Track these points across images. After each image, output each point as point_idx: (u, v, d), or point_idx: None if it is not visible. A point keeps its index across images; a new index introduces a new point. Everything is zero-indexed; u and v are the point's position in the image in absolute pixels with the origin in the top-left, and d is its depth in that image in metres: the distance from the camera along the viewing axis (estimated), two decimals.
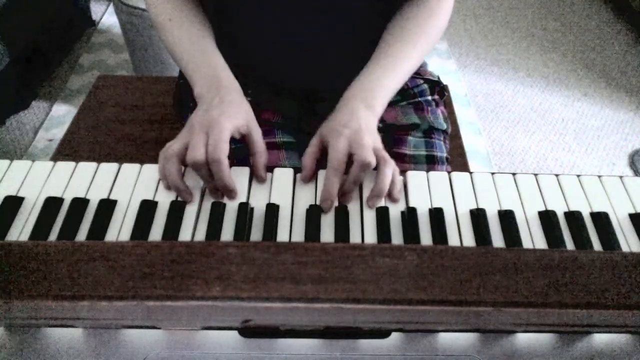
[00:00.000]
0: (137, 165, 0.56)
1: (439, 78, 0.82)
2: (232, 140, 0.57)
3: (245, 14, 0.69)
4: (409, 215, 0.52)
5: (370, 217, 0.52)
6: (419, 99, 0.77)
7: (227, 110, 0.54)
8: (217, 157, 0.50)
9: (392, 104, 0.76)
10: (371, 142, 0.53)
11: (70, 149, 0.95)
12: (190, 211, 0.52)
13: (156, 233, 0.50)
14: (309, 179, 0.55)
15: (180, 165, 0.53)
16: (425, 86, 0.79)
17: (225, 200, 0.53)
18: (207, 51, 0.62)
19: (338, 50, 0.70)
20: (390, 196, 0.54)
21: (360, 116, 0.55)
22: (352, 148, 0.52)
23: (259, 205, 0.52)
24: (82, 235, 0.49)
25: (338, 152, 0.52)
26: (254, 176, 0.56)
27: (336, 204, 0.53)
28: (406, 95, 0.77)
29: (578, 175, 0.57)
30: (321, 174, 0.56)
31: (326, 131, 0.56)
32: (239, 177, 0.55)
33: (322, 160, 0.56)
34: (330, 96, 0.75)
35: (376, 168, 0.53)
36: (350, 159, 0.53)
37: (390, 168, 0.52)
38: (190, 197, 0.52)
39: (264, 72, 0.74)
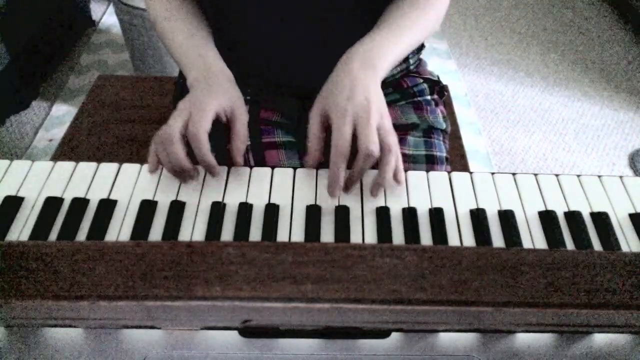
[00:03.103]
0: (137, 165, 0.56)
1: (438, 77, 0.82)
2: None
3: (244, 13, 0.69)
4: (409, 215, 0.52)
5: (370, 217, 0.52)
6: (418, 98, 0.77)
7: (211, 90, 0.54)
8: (196, 132, 0.50)
9: (391, 104, 0.76)
10: (377, 120, 0.50)
11: (70, 149, 0.95)
12: (190, 211, 0.52)
13: (156, 233, 0.50)
14: (316, 163, 0.53)
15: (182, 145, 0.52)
16: (425, 85, 0.79)
17: (226, 200, 0.53)
18: (200, 45, 0.62)
19: (338, 49, 0.70)
20: (395, 179, 0.53)
21: (363, 81, 0.52)
22: (357, 130, 0.49)
23: (258, 205, 0.52)
24: (82, 235, 0.49)
25: (344, 136, 0.49)
26: (232, 159, 0.55)
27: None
28: (405, 95, 0.77)
29: (578, 175, 0.57)
30: (321, 174, 0.56)
31: (329, 106, 0.52)
32: (240, 176, 0.55)
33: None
34: None
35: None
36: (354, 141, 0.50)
37: (394, 157, 0.50)
38: (197, 174, 0.52)
39: (264, 71, 0.74)
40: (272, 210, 0.51)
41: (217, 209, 0.51)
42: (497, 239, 0.50)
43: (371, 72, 0.54)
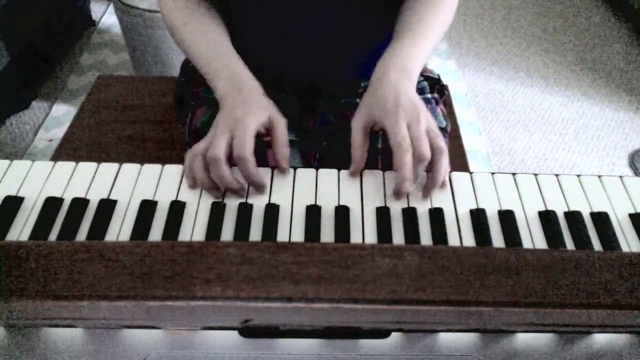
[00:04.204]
0: (137, 165, 0.56)
1: (439, 76, 0.82)
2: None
3: (247, 9, 0.69)
4: (409, 215, 0.51)
5: (370, 217, 0.52)
6: (419, 96, 0.77)
7: (250, 108, 0.55)
8: (243, 155, 0.51)
9: None
10: (426, 124, 0.52)
11: (70, 149, 0.95)
12: (190, 211, 0.52)
13: (156, 233, 0.50)
14: (359, 171, 0.54)
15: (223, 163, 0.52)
16: (425, 84, 0.79)
17: (226, 200, 0.53)
18: (224, 53, 0.62)
19: (340, 45, 0.70)
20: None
21: (404, 89, 0.54)
22: (410, 135, 0.51)
23: (258, 205, 0.52)
24: (82, 235, 0.49)
25: (403, 136, 0.50)
26: (276, 167, 0.56)
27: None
28: None
29: (578, 175, 0.57)
30: (321, 174, 0.56)
31: (377, 115, 0.53)
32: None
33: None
34: (331, 92, 0.75)
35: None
36: None
37: (447, 158, 0.52)
38: (244, 191, 0.53)
39: (266, 67, 0.74)
40: (272, 210, 0.51)
41: (217, 209, 0.51)
42: (497, 239, 0.50)
43: (408, 81, 0.56)
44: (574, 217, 0.52)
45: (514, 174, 0.57)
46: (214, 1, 0.69)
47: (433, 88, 0.80)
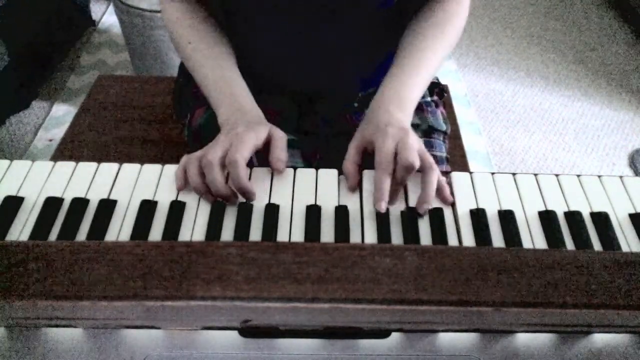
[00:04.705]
0: (137, 165, 0.56)
1: (437, 79, 0.82)
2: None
3: (247, 16, 0.68)
4: (409, 215, 0.52)
5: (370, 217, 0.52)
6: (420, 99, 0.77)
7: (252, 126, 0.56)
8: (234, 158, 0.51)
9: None
10: (416, 143, 0.53)
11: (70, 149, 0.95)
12: (190, 211, 0.52)
13: (156, 233, 0.50)
14: (355, 187, 0.55)
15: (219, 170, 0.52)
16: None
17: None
18: (228, 78, 0.63)
19: (340, 53, 0.70)
20: (443, 201, 0.54)
21: (398, 118, 0.56)
22: (398, 148, 0.52)
23: (259, 205, 0.52)
24: (82, 235, 0.49)
25: (386, 153, 0.52)
26: (272, 168, 0.56)
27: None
28: None
29: (578, 175, 0.57)
30: (321, 175, 0.56)
31: (369, 134, 0.55)
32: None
33: (361, 164, 0.56)
34: (330, 96, 0.75)
35: (420, 171, 0.53)
36: (394, 159, 0.52)
37: (436, 174, 0.52)
38: (237, 200, 0.53)
39: (264, 72, 0.74)
40: (272, 210, 0.51)
41: (217, 209, 0.51)
42: (497, 239, 0.50)
43: (402, 113, 0.58)
44: (574, 217, 0.52)
45: (514, 174, 0.57)
46: (216, 9, 0.69)
47: (432, 91, 0.80)
